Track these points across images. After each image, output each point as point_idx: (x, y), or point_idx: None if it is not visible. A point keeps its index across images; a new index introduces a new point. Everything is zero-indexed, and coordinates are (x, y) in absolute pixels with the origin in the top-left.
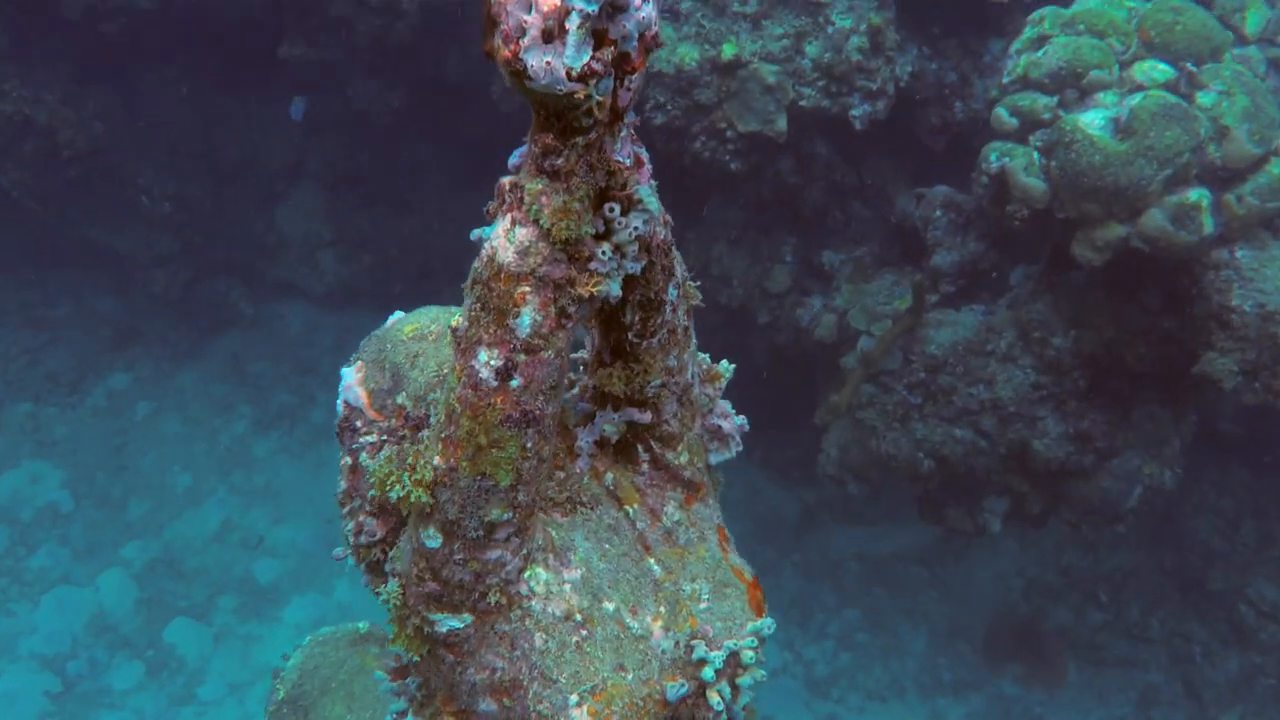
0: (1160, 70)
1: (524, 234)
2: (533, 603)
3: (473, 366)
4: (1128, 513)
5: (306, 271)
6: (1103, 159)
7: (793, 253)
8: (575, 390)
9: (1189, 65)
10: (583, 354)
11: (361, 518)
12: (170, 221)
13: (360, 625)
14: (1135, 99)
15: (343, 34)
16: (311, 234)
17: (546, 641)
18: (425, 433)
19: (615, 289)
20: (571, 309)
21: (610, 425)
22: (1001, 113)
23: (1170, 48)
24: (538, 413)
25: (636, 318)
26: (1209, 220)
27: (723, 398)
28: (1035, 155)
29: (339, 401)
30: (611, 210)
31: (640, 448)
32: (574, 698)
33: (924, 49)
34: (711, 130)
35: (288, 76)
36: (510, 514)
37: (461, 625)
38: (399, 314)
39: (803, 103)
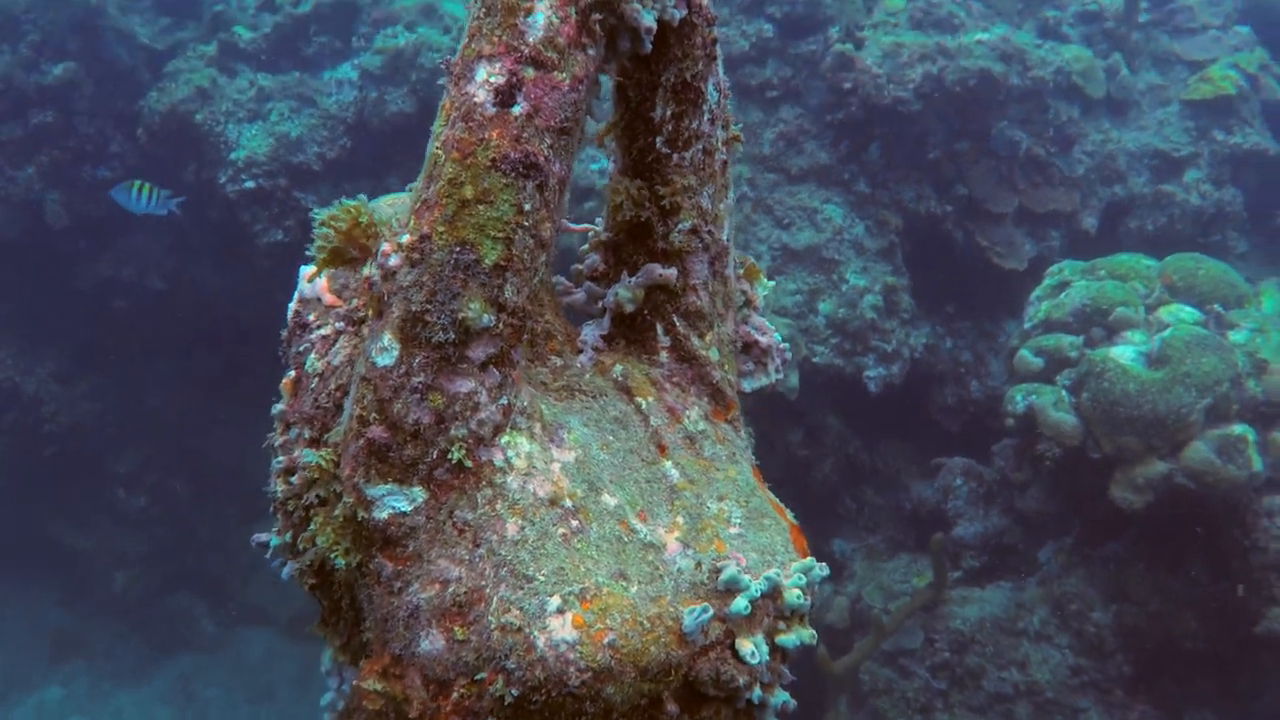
0: (1187, 312)
1: None
2: (509, 479)
3: (467, 92)
4: None
5: (278, 596)
6: (1138, 387)
7: None
8: (581, 292)
9: (1217, 307)
10: (594, 217)
11: (297, 451)
12: (143, 518)
13: None
14: (1166, 333)
15: None
16: None
17: (523, 529)
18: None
19: (649, 18)
20: (596, 20)
21: (626, 291)
22: (1026, 354)
23: (1195, 290)
24: (541, 159)
25: (669, 112)
26: (1257, 457)
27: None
28: (1064, 393)
29: (290, 304)
30: None
31: (661, 327)
32: (555, 600)
33: (938, 327)
34: None
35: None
36: (493, 318)
37: (409, 507)
38: None
39: (816, 359)
